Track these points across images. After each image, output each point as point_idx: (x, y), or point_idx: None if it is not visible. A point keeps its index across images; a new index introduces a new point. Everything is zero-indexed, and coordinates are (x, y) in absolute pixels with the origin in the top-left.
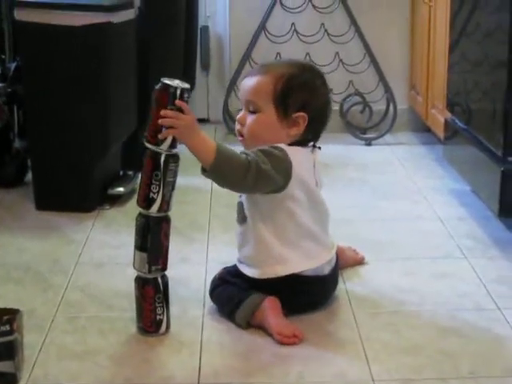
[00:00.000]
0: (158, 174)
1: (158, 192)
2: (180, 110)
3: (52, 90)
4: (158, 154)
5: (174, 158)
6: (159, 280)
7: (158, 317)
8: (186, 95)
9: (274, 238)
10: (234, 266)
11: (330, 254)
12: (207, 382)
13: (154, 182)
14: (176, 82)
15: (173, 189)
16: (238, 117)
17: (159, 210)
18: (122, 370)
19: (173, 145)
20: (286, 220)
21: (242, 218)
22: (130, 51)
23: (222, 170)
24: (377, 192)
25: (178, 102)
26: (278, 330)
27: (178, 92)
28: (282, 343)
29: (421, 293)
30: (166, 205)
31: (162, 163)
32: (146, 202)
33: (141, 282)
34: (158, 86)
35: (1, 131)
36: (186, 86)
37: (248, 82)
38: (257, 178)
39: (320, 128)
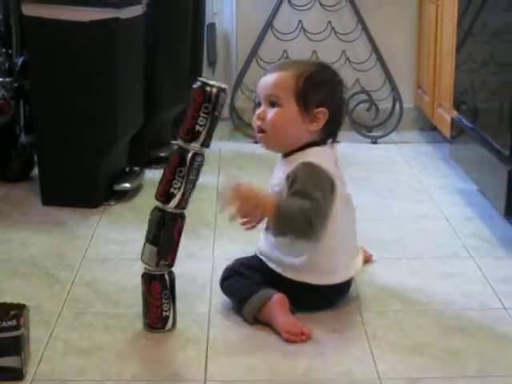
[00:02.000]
0: (182, 171)
1: (180, 188)
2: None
3: (59, 85)
4: (186, 151)
5: (200, 157)
6: (166, 276)
7: (164, 313)
8: (222, 95)
9: (315, 248)
10: (248, 259)
11: (358, 263)
12: (214, 379)
13: (177, 177)
14: (213, 82)
15: (193, 187)
16: (258, 112)
17: (177, 206)
18: (129, 367)
19: (205, 143)
20: (329, 229)
21: None
22: (137, 47)
23: (286, 230)
24: (382, 191)
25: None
26: (286, 328)
27: (215, 91)
28: (289, 341)
29: (427, 292)
30: (184, 202)
31: (188, 160)
32: (165, 196)
33: (148, 278)
34: (195, 85)
35: (7, 126)
36: (223, 86)
37: (269, 78)
38: (321, 219)
39: (337, 126)
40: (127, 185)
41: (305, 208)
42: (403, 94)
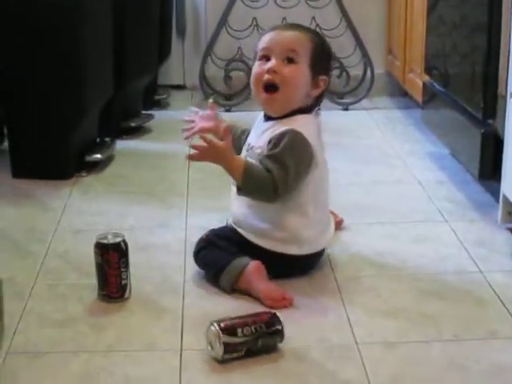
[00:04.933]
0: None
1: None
2: None
3: (25, 56)
4: (118, 243)
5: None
6: (122, 244)
7: (123, 281)
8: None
9: (293, 215)
10: (221, 229)
11: (332, 229)
12: (190, 348)
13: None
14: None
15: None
16: (272, 65)
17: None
18: (104, 337)
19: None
20: (307, 196)
21: None
22: (105, 15)
23: (251, 195)
24: (355, 157)
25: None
26: (268, 295)
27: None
28: (272, 307)
29: (402, 256)
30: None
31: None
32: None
33: (104, 248)
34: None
35: None
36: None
37: (287, 33)
38: (286, 187)
39: (324, 94)
40: (98, 155)
41: (273, 173)
42: (374, 60)
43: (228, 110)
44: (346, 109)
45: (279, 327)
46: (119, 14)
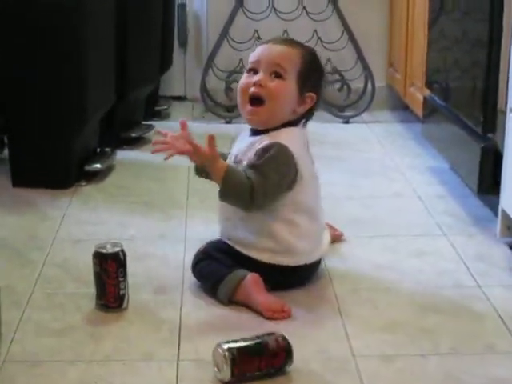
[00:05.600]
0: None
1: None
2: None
3: (27, 55)
4: (117, 253)
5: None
6: (120, 254)
7: (121, 291)
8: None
9: (285, 227)
10: (219, 241)
11: (326, 238)
12: (187, 358)
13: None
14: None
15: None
16: (258, 78)
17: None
18: (102, 347)
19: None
20: (295, 208)
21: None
22: (107, 25)
23: (229, 199)
24: (355, 170)
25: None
26: (267, 306)
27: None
28: (271, 319)
29: (400, 270)
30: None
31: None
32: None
33: (102, 258)
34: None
35: None
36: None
37: (276, 48)
38: (265, 197)
39: (313, 113)
40: (98, 165)
41: (252, 180)
42: (375, 73)
43: (228, 122)
44: (347, 122)
45: (289, 367)
46: (121, 24)
